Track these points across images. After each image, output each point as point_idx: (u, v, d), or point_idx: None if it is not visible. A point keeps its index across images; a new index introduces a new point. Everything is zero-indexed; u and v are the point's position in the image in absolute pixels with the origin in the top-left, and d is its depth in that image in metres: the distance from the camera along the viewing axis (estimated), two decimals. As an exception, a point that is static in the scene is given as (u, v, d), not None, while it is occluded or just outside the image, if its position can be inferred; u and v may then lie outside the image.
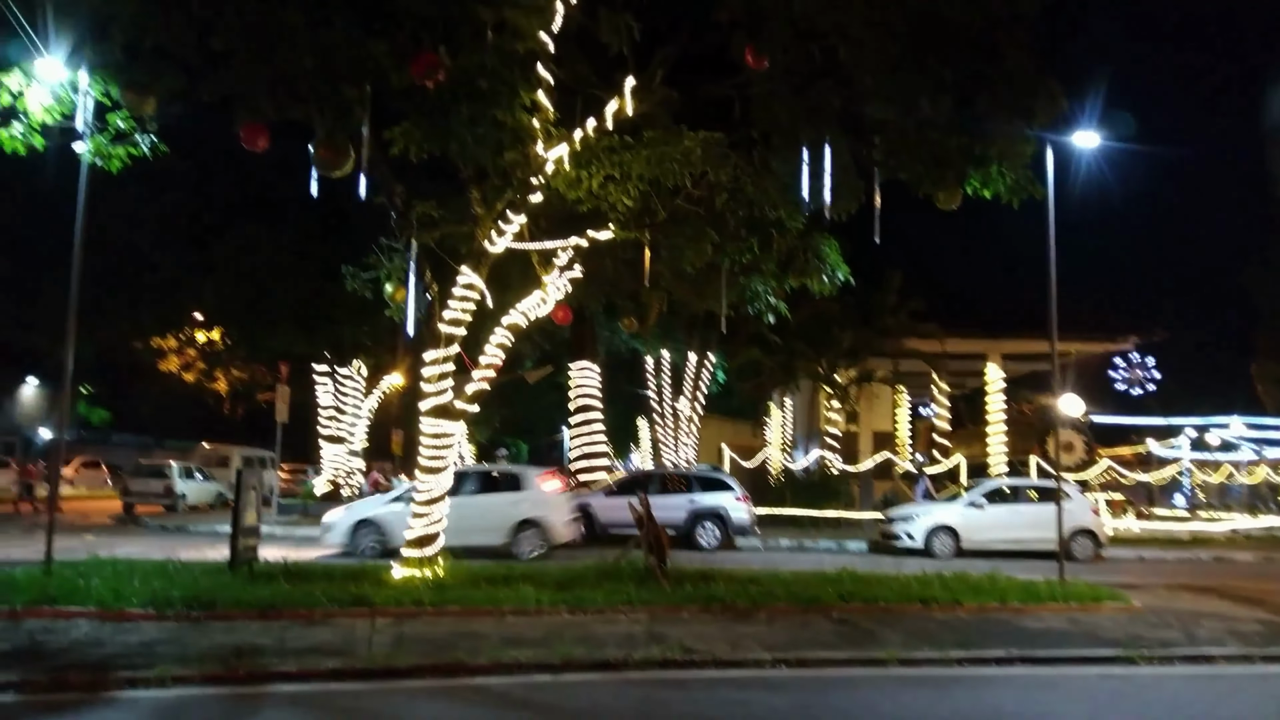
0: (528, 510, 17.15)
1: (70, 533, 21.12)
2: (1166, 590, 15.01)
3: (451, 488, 15.42)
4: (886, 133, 10.35)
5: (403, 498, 17.28)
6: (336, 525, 17.25)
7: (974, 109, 9.46)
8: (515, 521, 16.97)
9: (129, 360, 42.11)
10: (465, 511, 16.23)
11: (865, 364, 28.04)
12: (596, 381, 25.95)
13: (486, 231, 11.71)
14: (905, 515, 21.04)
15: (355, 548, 16.68)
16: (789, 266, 12.65)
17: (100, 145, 11.77)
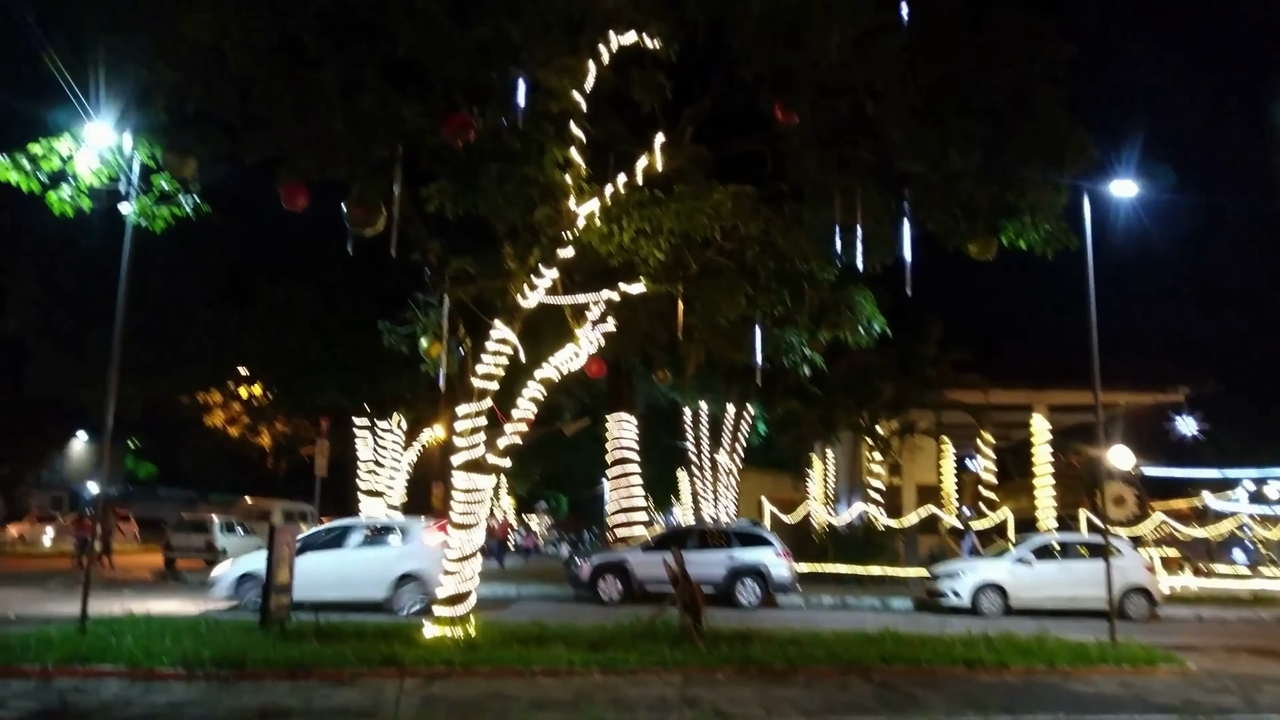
0: (409, 564, 16.65)
1: (110, 589, 21.28)
2: (1225, 652, 14.42)
3: (336, 541, 15.50)
4: (915, 185, 10.26)
5: None
6: (222, 579, 16.83)
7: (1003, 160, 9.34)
8: (396, 575, 16.56)
9: (175, 415, 42.72)
10: (347, 566, 16.47)
11: (907, 416, 27.62)
12: (634, 434, 25.80)
13: (519, 286, 11.73)
14: (951, 572, 20.51)
15: (241, 600, 16.31)
16: (821, 319, 12.51)
17: (145, 206, 12.01)
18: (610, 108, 13.92)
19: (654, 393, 34.47)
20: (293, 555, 12.48)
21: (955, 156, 9.22)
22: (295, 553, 13.00)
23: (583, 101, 11.98)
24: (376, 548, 17.10)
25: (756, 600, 20.05)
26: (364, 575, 16.32)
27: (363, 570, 16.36)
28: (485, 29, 9.56)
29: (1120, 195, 14.57)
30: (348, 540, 16.89)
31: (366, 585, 16.19)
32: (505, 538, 40.77)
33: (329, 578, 15.54)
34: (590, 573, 20.48)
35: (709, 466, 29.84)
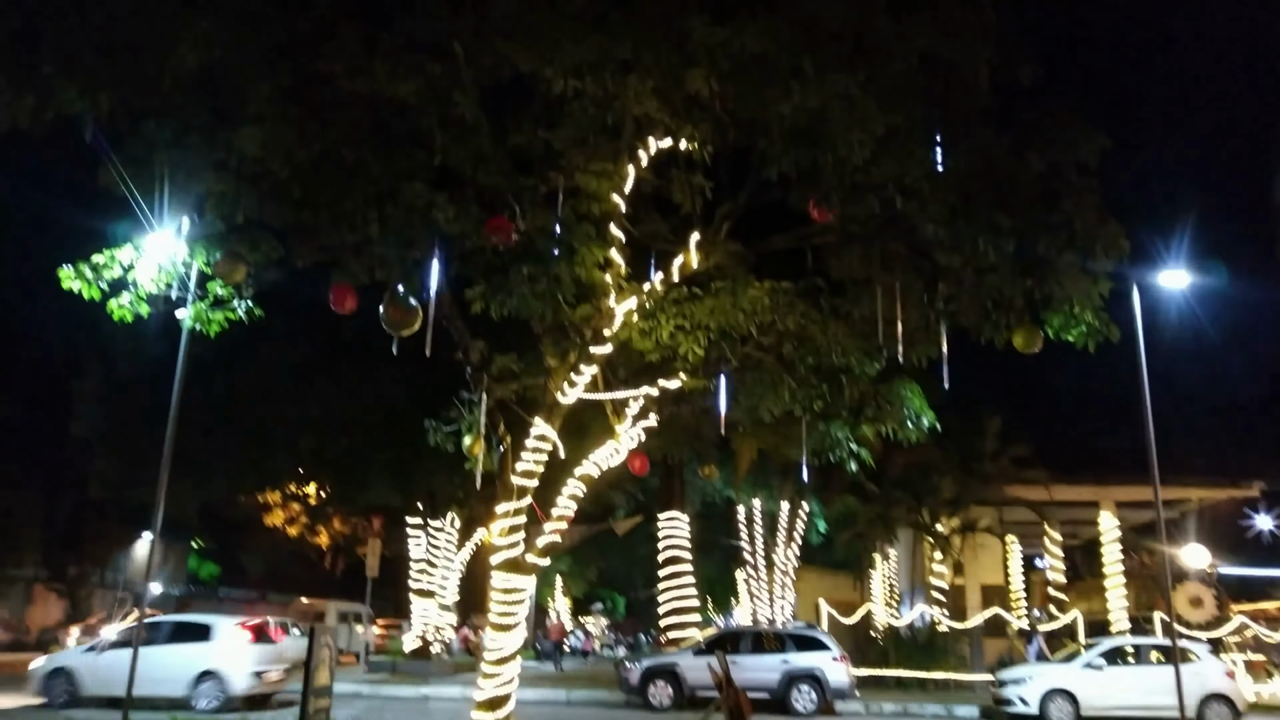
0: (209, 662, 16.80)
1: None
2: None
3: (145, 637, 15.68)
4: (949, 279, 10.21)
5: (97, 647, 17.61)
6: (35, 673, 17.23)
7: (1034, 253, 9.27)
8: (196, 673, 16.62)
9: (235, 515, 43.39)
10: (150, 661, 16.11)
11: (968, 513, 26.87)
12: (686, 532, 25.46)
13: (559, 383, 11.81)
14: (1018, 678, 19.64)
15: (49, 696, 16.56)
16: (861, 413, 12.35)
17: (200, 312, 12.43)
18: (653, 208, 14.19)
19: (709, 490, 34.14)
20: (333, 658, 12.38)
21: (987, 249, 9.18)
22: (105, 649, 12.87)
23: (622, 203, 12.23)
24: (181, 645, 17.28)
25: (813, 707, 19.38)
26: (166, 671, 16.50)
27: (165, 667, 16.53)
28: (522, 138, 9.88)
29: (1171, 286, 14.37)
30: (157, 637, 17.14)
31: (167, 681, 16.44)
32: (561, 640, 40.20)
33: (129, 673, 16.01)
34: (640, 677, 20.03)
35: (764, 566, 29.24)
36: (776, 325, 11.42)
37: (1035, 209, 9.21)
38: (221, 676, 16.59)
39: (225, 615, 25.52)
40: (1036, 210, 9.20)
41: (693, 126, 10.43)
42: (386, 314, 8.84)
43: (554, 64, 9.27)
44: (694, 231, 11.68)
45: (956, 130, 9.68)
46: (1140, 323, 13.67)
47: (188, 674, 16.67)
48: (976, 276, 9.76)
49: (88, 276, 11.23)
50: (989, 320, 10.11)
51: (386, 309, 8.82)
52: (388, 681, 23.62)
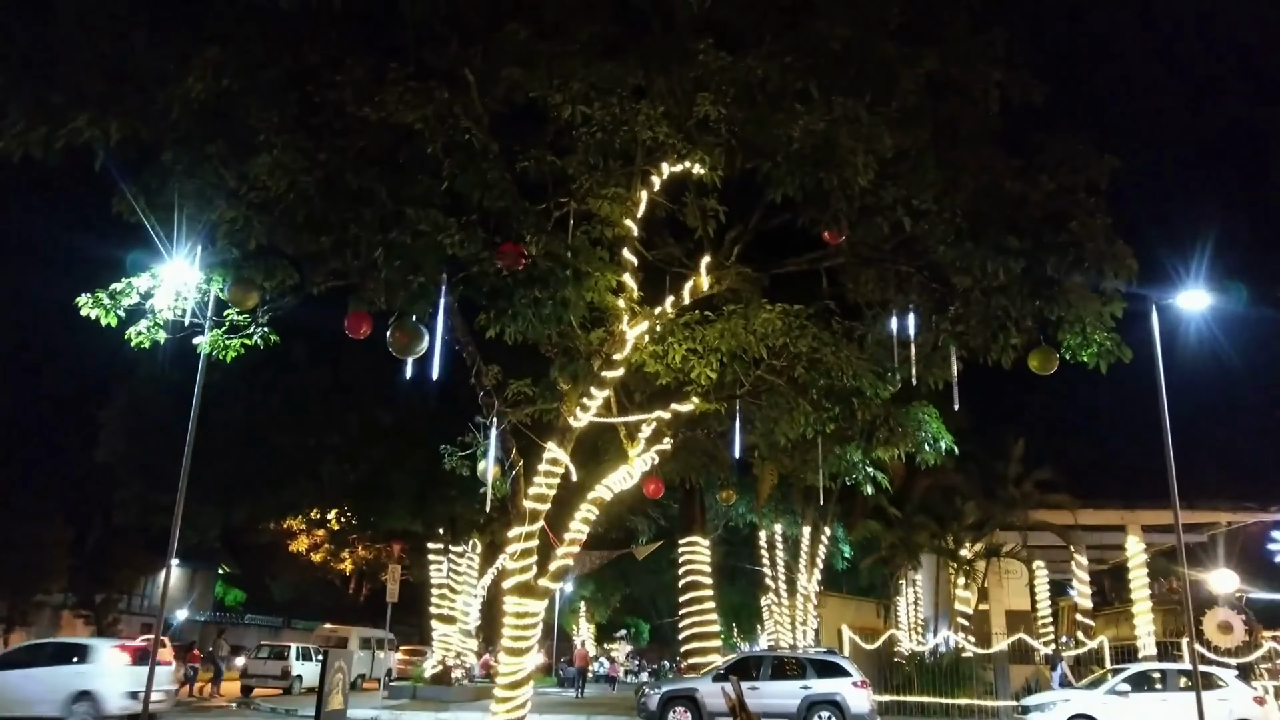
0: (84, 682, 17.00)
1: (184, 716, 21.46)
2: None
3: (26, 659, 15.79)
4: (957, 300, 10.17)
5: None
6: None
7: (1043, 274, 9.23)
8: (72, 692, 16.79)
9: (259, 542, 43.61)
10: (31, 681, 17.01)
11: (992, 537, 26.55)
12: (706, 557, 25.27)
13: (572, 407, 11.85)
14: (1040, 704, 19.34)
15: None
16: (874, 435, 12.29)
17: (216, 339, 12.57)
18: (668, 232, 14.28)
19: (734, 516, 33.96)
20: (347, 683, 12.41)
21: (996, 269, 9.13)
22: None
23: (635, 227, 12.30)
24: (59, 666, 17.52)
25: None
26: (44, 691, 16.82)
27: (44, 686, 16.88)
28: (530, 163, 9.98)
29: (1190, 307, 14.21)
30: (39, 658, 17.67)
31: (44, 702, 16.73)
32: (586, 666, 40.23)
33: (13, 693, 16.75)
34: (659, 703, 19.87)
35: (786, 591, 29.02)
36: (789, 348, 11.40)
37: (1044, 230, 9.18)
38: (97, 697, 16.90)
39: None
40: (1045, 231, 9.17)
41: (702, 150, 10.49)
42: (393, 337, 8.93)
43: (564, 90, 9.37)
44: (705, 255, 11.72)
45: (965, 152, 9.68)
46: (1159, 344, 13.52)
47: (64, 693, 16.98)
48: (985, 297, 9.72)
49: (105, 304, 11.40)
50: (996, 341, 10.05)
51: (393, 333, 8.90)
52: (407, 707, 23.56)
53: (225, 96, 8.04)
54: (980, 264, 9.15)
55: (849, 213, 9.51)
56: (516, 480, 11.98)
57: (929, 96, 10.55)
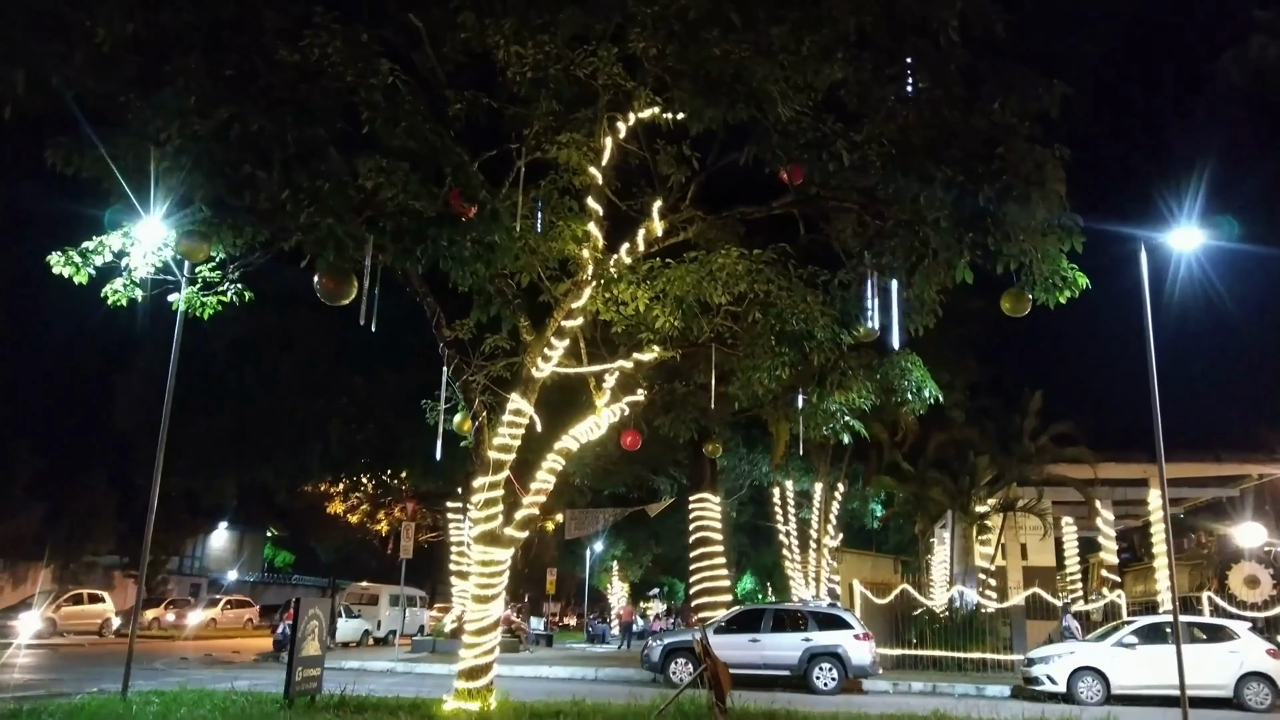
0: None
1: (209, 667, 22.14)
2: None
3: None
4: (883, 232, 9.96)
5: None
6: None
7: (975, 205, 8.96)
8: None
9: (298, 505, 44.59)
10: None
11: (1008, 492, 26.19)
12: (716, 514, 25.34)
13: (534, 359, 11.87)
14: (1045, 656, 19.14)
15: None
16: (824, 380, 12.13)
17: (192, 296, 12.77)
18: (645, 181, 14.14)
19: (757, 475, 33.93)
20: (323, 631, 12.67)
21: (927, 200, 8.90)
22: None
23: (599, 175, 12.22)
24: None
25: (834, 685, 19.14)
26: None
27: None
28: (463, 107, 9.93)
29: (1182, 246, 13.80)
30: None
31: None
32: (630, 621, 41.77)
33: None
34: (661, 655, 20.03)
35: (799, 547, 28.96)
36: (748, 294, 11.28)
37: (977, 160, 8.91)
38: None
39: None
40: (978, 161, 8.90)
41: (649, 92, 10.37)
42: (319, 284, 8.98)
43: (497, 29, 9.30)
44: (657, 199, 11.62)
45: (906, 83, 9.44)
46: (1146, 285, 13.14)
47: None
48: (908, 229, 9.50)
49: (75, 262, 11.58)
50: (916, 273, 9.84)
51: (319, 279, 8.96)
52: (425, 660, 24.07)
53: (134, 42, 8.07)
54: (909, 195, 8.93)
55: (787, 149, 9.34)
56: (480, 430, 12.06)
57: (889, 28, 10.25)
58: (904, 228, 9.60)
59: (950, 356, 25.19)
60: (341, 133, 8.91)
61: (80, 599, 34.56)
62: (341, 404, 22.83)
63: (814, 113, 9.37)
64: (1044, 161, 8.84)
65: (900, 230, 9.69)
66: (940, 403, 14.52)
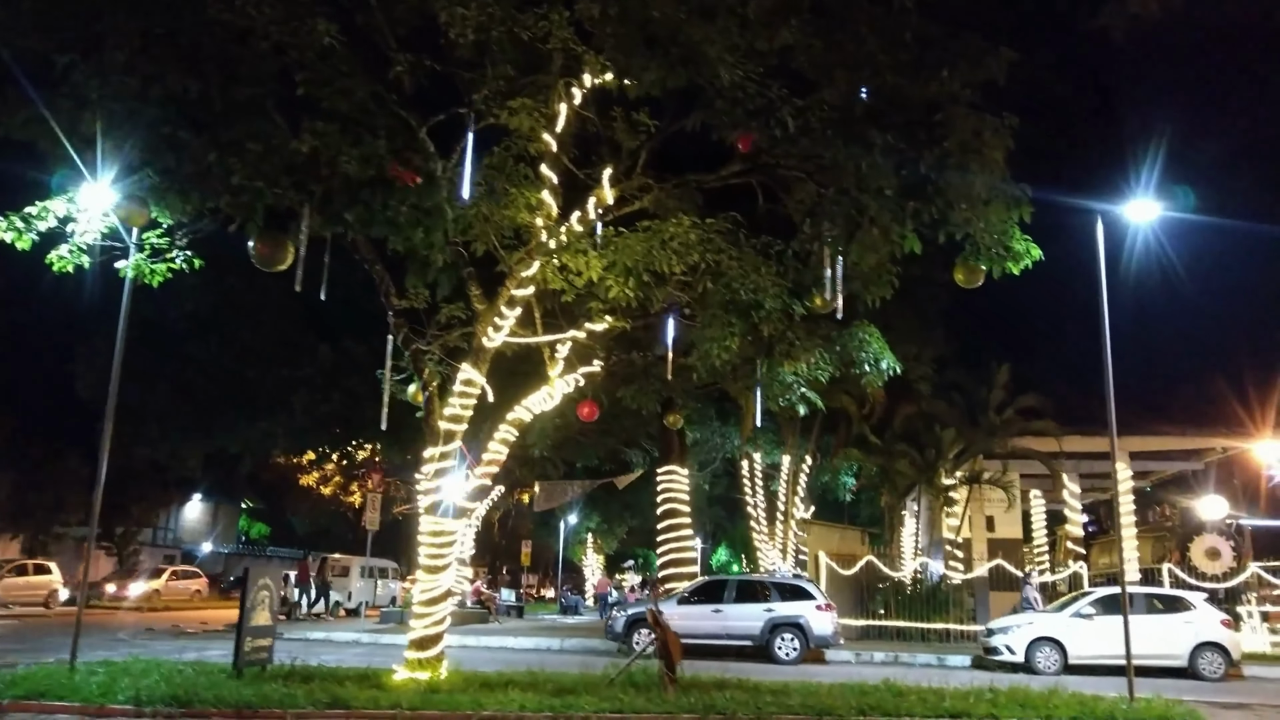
0: None
1: (176, 638, 22.06)
2: (1276, 712, 13.08)
3: None
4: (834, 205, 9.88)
5: None
6: None
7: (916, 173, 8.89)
8: None
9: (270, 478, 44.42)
10: None
11: (974, 465, 26.32)
12: (684, 486, 25.39)
13: (485, 328, 11.77)
14: (1004, 627, 19.33)
15: None
16: (772, 350, 12.08)
17: (141, 264, 12.56)
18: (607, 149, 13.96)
19: (731, 449, 34.00)
20: (274, 601, 12.61)
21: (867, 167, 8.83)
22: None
23: (553, 142, 12.07)
24: None
25: (795, 655, 19.26)
26: None
27: None
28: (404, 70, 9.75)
29: (1139, 219, 13.82)
30: None
31: None
32: (606, 593, 42.28)
33: None
34: (624, 625, 20.09)
35: (766, 519, 29.08)
36: (700, 264, 11.19)
37: (918, 127, 8.84)
38: None
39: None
40: (919, 128, 8.83)
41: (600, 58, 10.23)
42: (255, 249, 8.84)
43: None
44: (607, 167, 11.50)
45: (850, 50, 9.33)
46: (1102, 258, 13.13)
47: None
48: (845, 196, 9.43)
49: (18, 227, 11.36)
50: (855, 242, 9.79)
51: (253, 244, 8.82)
52: (392, 631, 24.03)
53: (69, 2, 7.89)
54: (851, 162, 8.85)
55: (732, 115, 9.23)
56: (431, 400, 11.96)
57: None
58: (845, 196, 9.52)
59: (918, 329, 25.24)
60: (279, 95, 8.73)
61: (25, 570, 32.91)
62: (306, 374, 22.63)
63: (761, 79, 9.26)
64: (983, 129, 8.77)
65: (841, 198, 9.61)
66: (898, 374, 14.50)
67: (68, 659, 12.29)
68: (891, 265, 12.23)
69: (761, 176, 11.88)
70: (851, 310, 13.96)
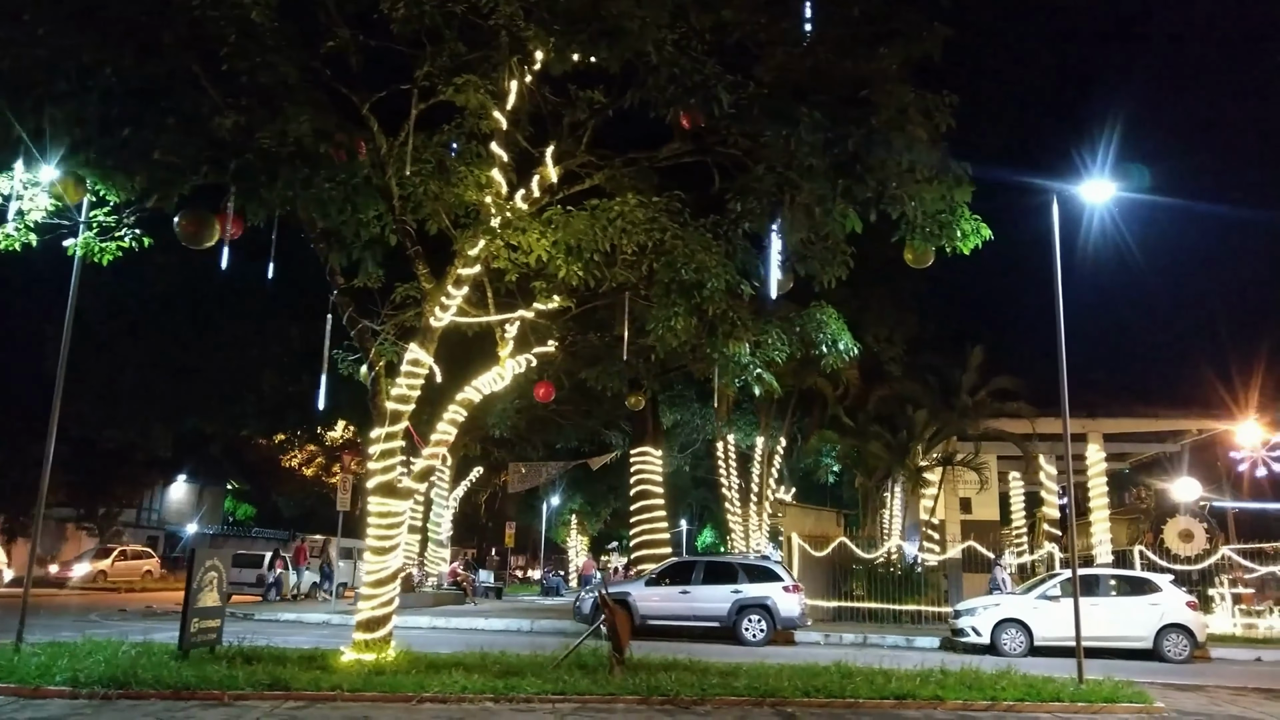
0: None
1: (146, 618, 22.02)
2: (1230, 693, 13.12)
3: None
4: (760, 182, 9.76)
5: None
6: None
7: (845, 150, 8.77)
8: None
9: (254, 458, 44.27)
10: None
11: (947, 446, 26.32)
12: (658, 468, 25.35)
13: (433, 307, 11.66)
14: (971, 608, 19.35)
15: None
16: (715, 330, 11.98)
17: (89, 242, 12.41)
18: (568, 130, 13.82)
19: (710, 430, 33.99)
20: (223, 582, 12.52)
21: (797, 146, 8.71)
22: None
23: (503, 120, 11.93)
24: None
25: (762, 636, 19.27)
26: None
27: None
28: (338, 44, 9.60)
29: (1094, 198, 13.73)
30: None
31: None
32: (590, 574, 42.40)
33: None
34: (592, 607, 20.05)
35: (740, 501, 29.09)
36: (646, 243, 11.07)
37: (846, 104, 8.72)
38: None
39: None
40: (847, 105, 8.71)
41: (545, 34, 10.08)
42: (180, 226, 8.72)
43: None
44: (550, 144, 11.37)
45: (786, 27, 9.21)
46: (1057, 235, 13.03)
47: None
48: (771, 173, 9.31)
49: (-49, 206, 11.22)
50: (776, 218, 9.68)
51: (178, 221, 8.69)
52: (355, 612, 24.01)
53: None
54: (777, 139, 8.74)
55: (665, 92, 9.09)
56: (377, 381, 11.86)
57: None
58: (772, 173, 9.40)
59: (891, 310, 25.18)
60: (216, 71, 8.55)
61: (-30, 551, 31.79)
62: (275, 353, 22.50)
63: (698, 55, 9.12)
64: (909, 105, 8.64)
65: (767, 176, 9.50)
66: (872, 355, 14.41)
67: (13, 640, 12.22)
68: (846, 245, 12.16)
69: (703, 155, 11.75)
70: (808, 291, 13.87)
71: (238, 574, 30.08)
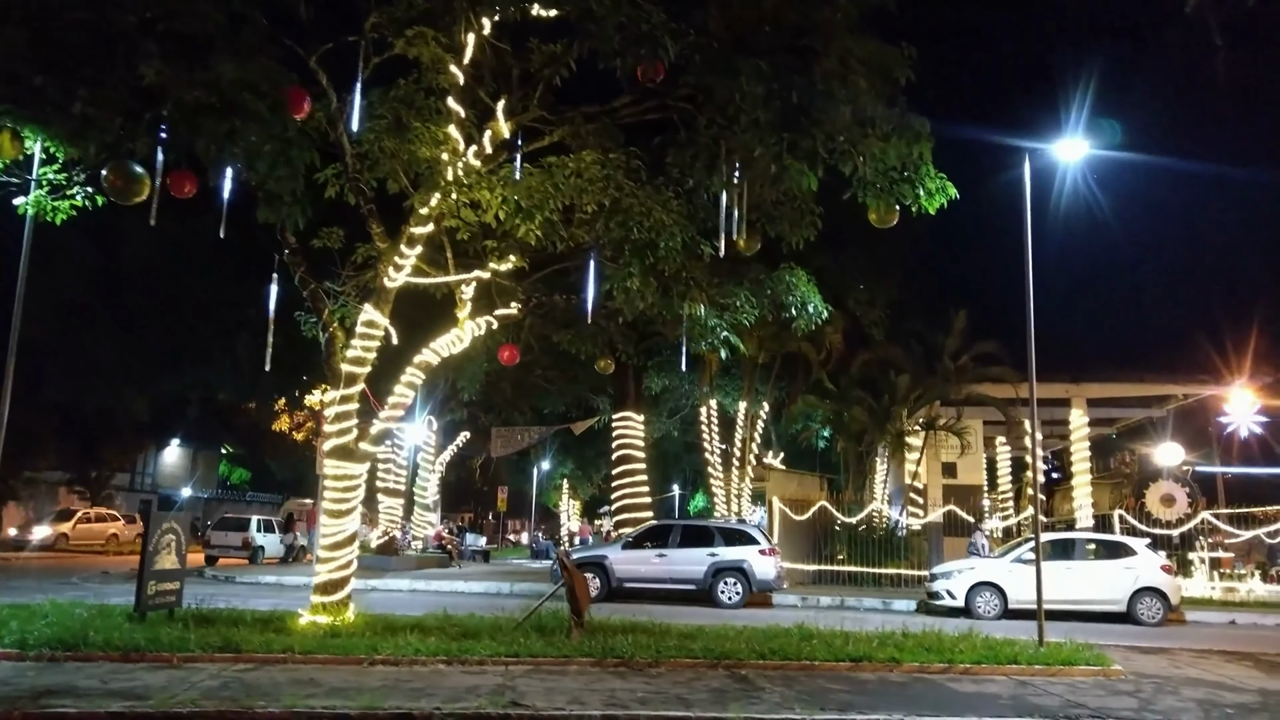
0: None
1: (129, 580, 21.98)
2: (1193, 655, 13.10)
3: None
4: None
5: None
6: None
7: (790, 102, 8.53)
8: None
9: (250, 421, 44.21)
10: None
11: (930, 411, 26.22)
12: (639, 432, 25.28)
13: (387, 267, 11.47)
14: (946, 572, 19.34)
15: None
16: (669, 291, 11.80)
17: (40, 200, 12.18)
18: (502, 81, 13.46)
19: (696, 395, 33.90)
20: (182, 544, 12.43)
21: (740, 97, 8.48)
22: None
23: (460, 75, 11.66)
24: None
25: (738, 599, 19.25)
26: None
27: None
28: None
29: (1067, 157, 13.51)
30: None
31: None
32: (585, 538, 43.03)
33: None
34: (563, 569, 20.05)
35: (722, 465, 29.03)
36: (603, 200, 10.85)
37: (787, 53, 8.46)
38: None
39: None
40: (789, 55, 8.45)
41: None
42: (108, 182, 8.51)
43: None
44: (502, 99, 11.12)
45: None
46: (1028, 194, 12.86)
47: None
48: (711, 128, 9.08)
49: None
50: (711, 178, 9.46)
51: (106, 175, 8.49)
52: (346, 576, 24.04)
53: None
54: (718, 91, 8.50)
55: (612, 42, 8.84)
56: (331, 342, 11.70)
57: None
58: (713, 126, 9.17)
59: (871, 274, 24.96)
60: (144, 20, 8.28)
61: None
62: (249, 316, 22.32)
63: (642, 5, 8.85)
64: (848, 54, 8.39)
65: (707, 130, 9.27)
66: (824, 319, 14.24)
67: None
68: (815, 205, 11.95)
69: (660, 111, 11.48)
70: (777, 252, 13.66)
71: (223, 537, 30.20)
